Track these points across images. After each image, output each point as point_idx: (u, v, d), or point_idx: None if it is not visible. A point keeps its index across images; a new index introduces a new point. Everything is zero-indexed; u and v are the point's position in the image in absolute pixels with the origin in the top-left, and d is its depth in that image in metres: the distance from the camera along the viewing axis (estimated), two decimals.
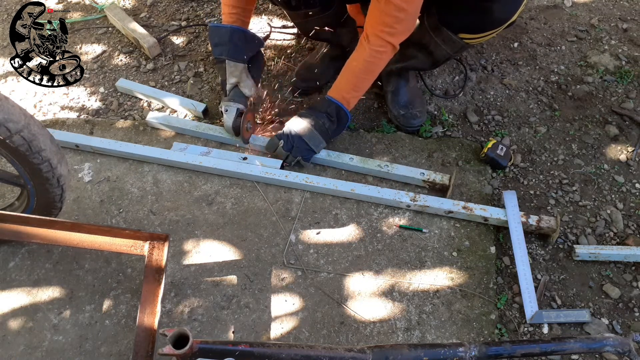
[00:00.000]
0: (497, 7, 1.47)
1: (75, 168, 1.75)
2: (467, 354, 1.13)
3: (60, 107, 2.00)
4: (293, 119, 1.70)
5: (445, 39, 1.59)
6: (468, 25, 1.55)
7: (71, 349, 1.37)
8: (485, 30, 1.56)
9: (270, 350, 1.11)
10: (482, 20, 1.53)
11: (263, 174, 1.67)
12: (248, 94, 1.72)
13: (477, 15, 1.51)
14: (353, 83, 1.62)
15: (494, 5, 1.46)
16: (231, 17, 1.65)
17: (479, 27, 1.55)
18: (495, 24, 1.54)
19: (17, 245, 1.55)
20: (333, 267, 1.52)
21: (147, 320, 1.32)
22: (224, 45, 1.64)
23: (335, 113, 1.64)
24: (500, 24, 1.54)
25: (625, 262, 1.52)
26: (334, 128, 1.67)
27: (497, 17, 1.51)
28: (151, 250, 1.40)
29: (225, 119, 1.71)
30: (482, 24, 1.54)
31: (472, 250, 1.54)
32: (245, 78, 1.69)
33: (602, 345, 1.15)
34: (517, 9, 1.50)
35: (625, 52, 2.07)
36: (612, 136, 1.81)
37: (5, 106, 1.17)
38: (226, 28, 1.63)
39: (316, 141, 1.65)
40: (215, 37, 1.66)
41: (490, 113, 1.90)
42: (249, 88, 1.71)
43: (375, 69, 1.58)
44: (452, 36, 1.57)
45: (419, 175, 1.67)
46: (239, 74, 1.68)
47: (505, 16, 1.52)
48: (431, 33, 1.61)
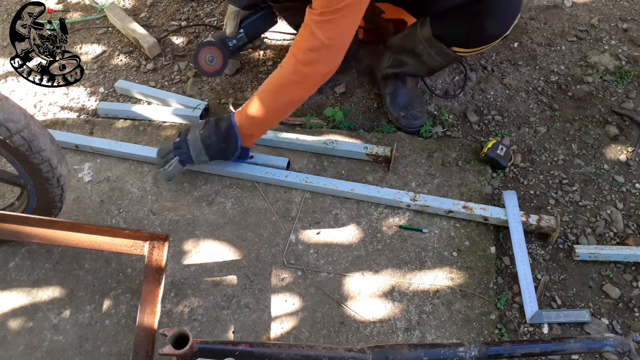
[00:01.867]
0: (490, 24, 1.46)
1: (75, 168, 1.75)
2: (467, 354, 1.13)
3: (60, 107, 2.00)
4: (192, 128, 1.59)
5: (438, 51, 1.58)
6: (461, 40, 1.54)
7: (71, 349, 1.37)
8: (478, 45, 1.56)
9: (270, 350, 1.11)
10: (476, 36, 1.52)
11: (263, 174, 1.67)
12: (227, 33, 1.81)
13: (470, 30, 1.49)
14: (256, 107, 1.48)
15: (487, 22, 1.45)
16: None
17: (472, 42, 1.54)
18: (488, 39, 1.53)
19: (17, 245, 1.55)
20: (333, 267, 1.52)
21: (147, 320, 1.32)
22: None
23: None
24: (493, 39, 1.53)
25: (625, 262, 1.52)
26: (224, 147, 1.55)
27: (490, 34, 1.50)
28: (151, 250, 1.40)
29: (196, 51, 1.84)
30: (475, 39, 1.53)
31: (472, 250, 1.54)
32: (231, 19, 1.79)
33: (602, 345, 1.15)
34: (510, 25, 1.48)
35: (625, 52, 2.07)
36: (612, 136, 1.81)
37: (5, 106, 1.18)
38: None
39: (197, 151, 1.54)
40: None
41: (490, 113, 1.90)
42: (229, 28, 1.80)
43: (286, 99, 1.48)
44: (445, 49, 1.56)
45: (362, 149, 1.70)
46: (229, 15, 1.78)
47: (498, 32, 1.51)
48: (424, 44, 1.60)
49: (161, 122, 1.89)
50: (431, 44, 1.58)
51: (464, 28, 1.49)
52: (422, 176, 1.71)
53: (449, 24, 1.52)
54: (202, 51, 1.83)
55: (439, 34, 1.54)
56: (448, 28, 1.53)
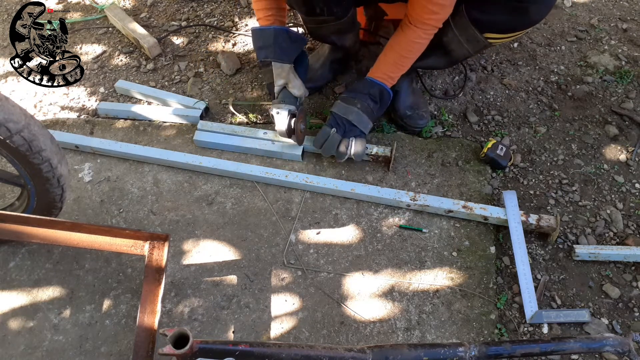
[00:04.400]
0: (534, 8, 1.47)
1: (75, 168, 1.75)
2: (467, 354, 1.13)
3: (61, 107, 2.00)
4: (337, 104, 1.67)
5: (470, 38, 1.58)
6: (499, 25, 1.54)
7: (71, 348, 1.37)
8: (516, 31, 1.56)
9: (270, 350, 1.11)
10: (517, 21, 1.52)
11: (263, 174, 1.67)
12: (297, 94, 1.67)
13: (512, 15, 1.49)
14: (399, 62, 1.62)
15: (531, 6, 1.45)
16: (269, 20, 1.61)
17: (511, 27, 1.55)
18: (528, 24, 1.54)
19: (18, 245, 1.55)
20: (333, 267, 1.52)
21: (147, 320, 1.32)
22: (269, 48, 1.59)
23: (378, 94, 1.64)
24: (533, 24, 1.55)
25: (625, 262, 1.52)
26: (377, 108, 1.67)
27: (533, 18, 1.51)
28: (151, 250, 1.40)
29: (278, 122, 1.65)
30: (515, 24, 1.53)
31: (472, 250, 1.54)
32: (293, 78, 1.65)
33: (602, 345, 1.16)
34: (550, 9, 1.51)
35: (625, 52, 2.07)
36: (611, 136, 1.81)
37: (5, 106, 1.18)
38: (269, 30, 1.58)
39: (365, 123, 1.65)
40: (260, 40, 1.61)
41: (490, 113, 1.90)
42: (298, 88, 1.67)
43: (420, 49, 1.60)
44: (478, 35, 1.56)
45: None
46: (286, 75, 1.64)
47: (540, 17, 1.52)
48: (455, 31, 1.60)
49: (161, 122, 1.89)
50: (464, 30, 1.58)
51: (507, 13, 1.49)
52: (422, 176, 1.71)
53: (489, 9, 1.51)
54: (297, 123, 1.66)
55: (476, 19, 1.54)
56: (488, 13, 1.52)
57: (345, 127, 1.64)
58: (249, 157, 1.76)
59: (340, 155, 1.66)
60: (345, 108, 1.64)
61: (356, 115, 1.63)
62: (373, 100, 1.64)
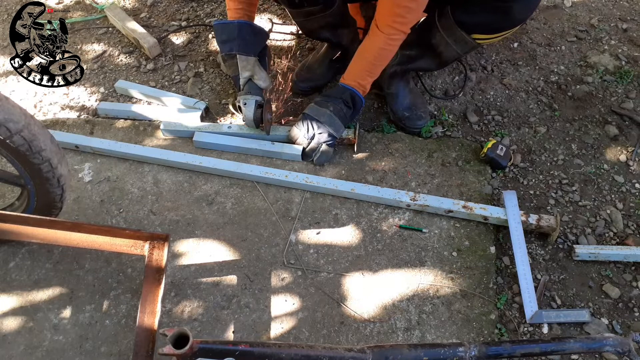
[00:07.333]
0: (517, 7, 1.47)
1: (75, 168, 1.75)
2: (467, 354, 1.13)
3: (61, 107, 2.00)
4: (310, 106, 1.72)
5: (458, 39, 1.60)
6: (484, 26, 1.55)
7: (71, 348, 1.37)
8: (501, 31, 1.57)
9: (270, 350, 1.11)
10: (501, 21, 1.53)
11: (263, 174, 1.67)
12: (263, 85, 1.72)
13: (496, 15, 1.51)
14: (367, 69, 1.65)
15: (515, 5, 1.46)
16: (237, 13, 1.65)
17: (496, 27, 1.55)
18: (513, 23, 1.54)
19: (17, 245, 1.55)
20: (333, 267, 1.52)
21: (147, 320, 1.32)
22: (233, 41, 1.64)
23: (350, 99, 1.67)
24: (518, 23, 1.55)
25: (625, 262, 1.52)
26: (350, 112, 1.70)
27: (517, 17, 1.52)
28: (151, 250, 1.40)
29: (245, 112, 1.70)
30: (500, 24, 1.54)
31: (472, 250, 1.54)
32: (258, 71, 1.70)
33: (601, 345, 1.16)
34: (534, 8, 1.52)
35: (625, 52, 2.07)
36: (611, 136, 1.81)
37: (5, 106, 1.18)
38: (233, 23, 1.63)
39: (337, 126, 1.67)
40: (223, 33, 1.66)
41: (490, 113, 1.90)
42: (264, 80, 1.71)
43: (389, 55, 1.62)
44: (466, 37, 1.57)
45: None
46: (251, 68, 1.68)
47: (524, 16, 1.53)
48: (442, 33, 1.61)
49: (161, 122, 1.88)
50: (451, 33, 1.59)
51: (491, 13, 1.50)
52: (422, 176, 1.71)
53: (473, 11, 1.53)
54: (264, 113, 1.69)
55: (461, 21, 1.55)
56: (473, 14, 1.54)
57: (315, 130, 1.68)
58: (249, 157, 1.76)
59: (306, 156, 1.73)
60: (318, 110, 1.68)
61: (328, 117, 1.66)
62: (346, 105, 1.68)
